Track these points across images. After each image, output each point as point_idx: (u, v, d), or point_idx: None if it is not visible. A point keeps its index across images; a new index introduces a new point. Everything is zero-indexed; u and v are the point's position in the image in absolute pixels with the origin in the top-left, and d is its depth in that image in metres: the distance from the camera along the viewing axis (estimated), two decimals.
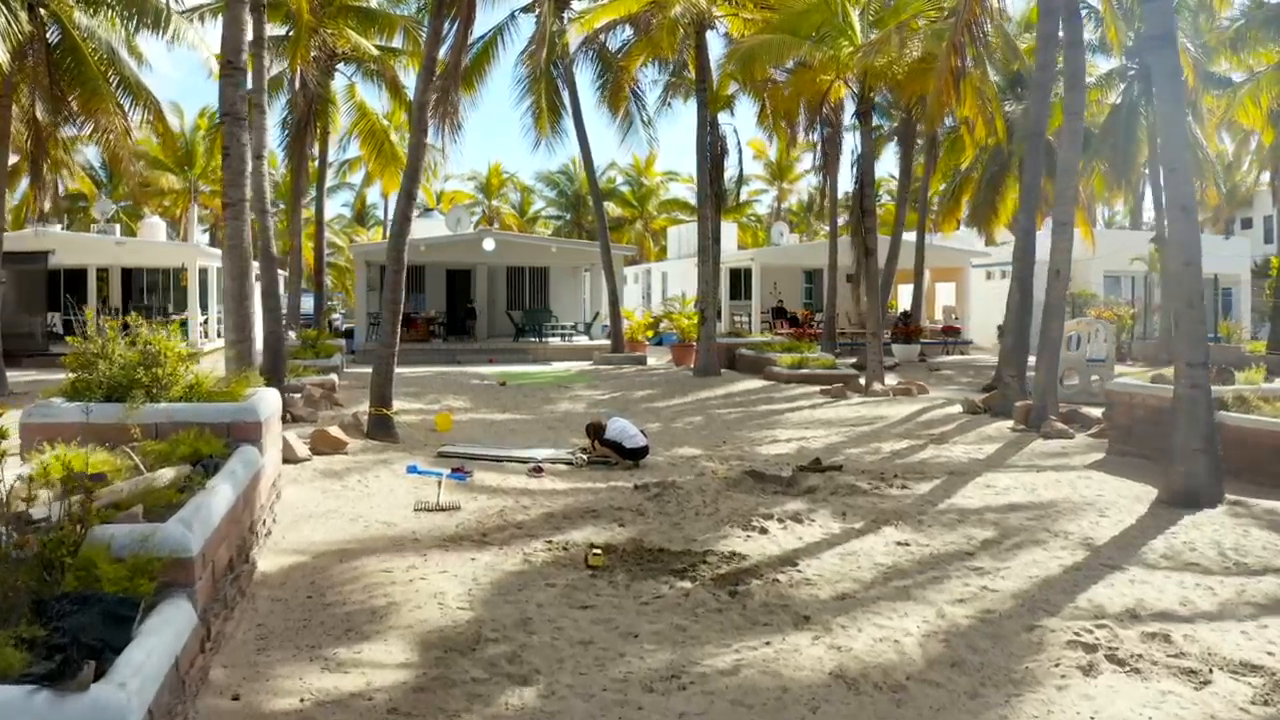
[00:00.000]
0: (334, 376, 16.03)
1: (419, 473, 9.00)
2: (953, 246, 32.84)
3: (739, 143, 30.98)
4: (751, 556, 6.25)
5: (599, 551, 6.05)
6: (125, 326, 6.28)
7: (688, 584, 5.62)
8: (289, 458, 9.12)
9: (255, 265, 12.97)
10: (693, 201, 53.09)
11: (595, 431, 10.19)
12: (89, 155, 33.08)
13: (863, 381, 17.14)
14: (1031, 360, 13.94)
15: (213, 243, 45.96)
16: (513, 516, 7.37)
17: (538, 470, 9.34)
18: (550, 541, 6.57)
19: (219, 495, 4.51)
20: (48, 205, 21.63)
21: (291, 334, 21.92)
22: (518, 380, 19.03)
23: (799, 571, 5.93)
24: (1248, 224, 46.95)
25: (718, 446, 11.35)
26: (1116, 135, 24.27)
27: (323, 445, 9.71)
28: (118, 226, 31.17)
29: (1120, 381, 10.59)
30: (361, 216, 60.09)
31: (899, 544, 6.63)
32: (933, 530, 7.05)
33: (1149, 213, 31.04)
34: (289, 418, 12.22)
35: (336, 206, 59.29)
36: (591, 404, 15.63)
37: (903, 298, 34.06)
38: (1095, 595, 5.65)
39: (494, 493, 8.28)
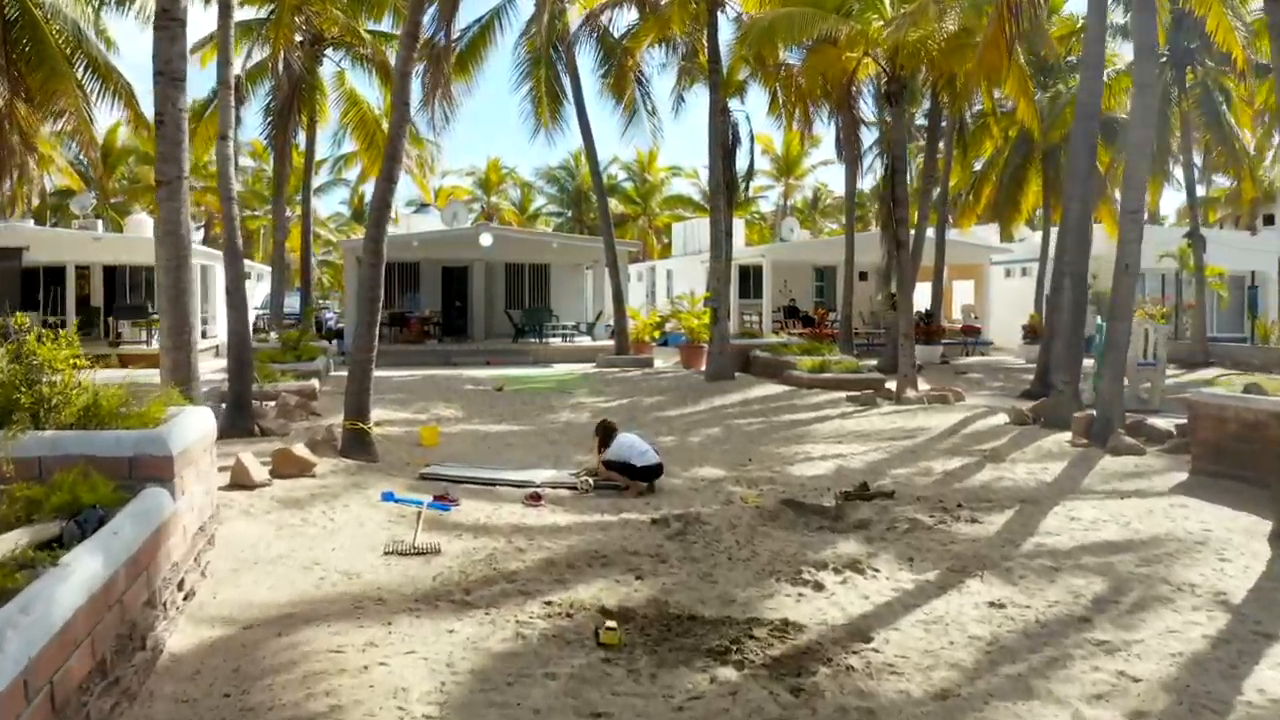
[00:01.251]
0: (314, 382, 14.62)
1: (396, 501, 7.68)
2: (971, 243, 31.46)
3: (750, 131, 29.17)
4: (809, 626, 4.87)
5: (613, 625, 4.66)
6: (4, 333, 4.88)
7: (733, 672, 4.25)
8: (244, 483, 7.77)
9: (231, 260, 11.67)
10: (697, 197, 51.98)
11: (604, 432, 8.87)
12: (79, 152, 31.67)
13: (892, 387, 15.73)
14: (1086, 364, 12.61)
15: (206, 240, 44.56)
16: (504, 564, 5.99)
17: (536, 498, 7.97)
18: (550, 602, 5.19)
19: (72, 579, 3.13)
20: (36, 201, 20.38)
21: (273, 335, 20.66)
22: (516, 385, 17.65)
23: (875, 651, 4.55)
24: (1270, 220, 45.58)
25: (743, 465, 9.97)
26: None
27: (286, 467, 8.32)
28: (100, 222, 29.67)
29: (1207, 392, 9.21)
30: (359, 215, 58.68)
31: (992, 605, 5.25)
32: (1027, 583, 5.67)
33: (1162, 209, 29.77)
34: (257, 431, 10.89)
35: (334, 204, 58.09)
36: (596, 413, 14.24)
37: (918, 296, 32.69)
38: (1264, 682, 4.33)
39: (482, 530, 6.91)
